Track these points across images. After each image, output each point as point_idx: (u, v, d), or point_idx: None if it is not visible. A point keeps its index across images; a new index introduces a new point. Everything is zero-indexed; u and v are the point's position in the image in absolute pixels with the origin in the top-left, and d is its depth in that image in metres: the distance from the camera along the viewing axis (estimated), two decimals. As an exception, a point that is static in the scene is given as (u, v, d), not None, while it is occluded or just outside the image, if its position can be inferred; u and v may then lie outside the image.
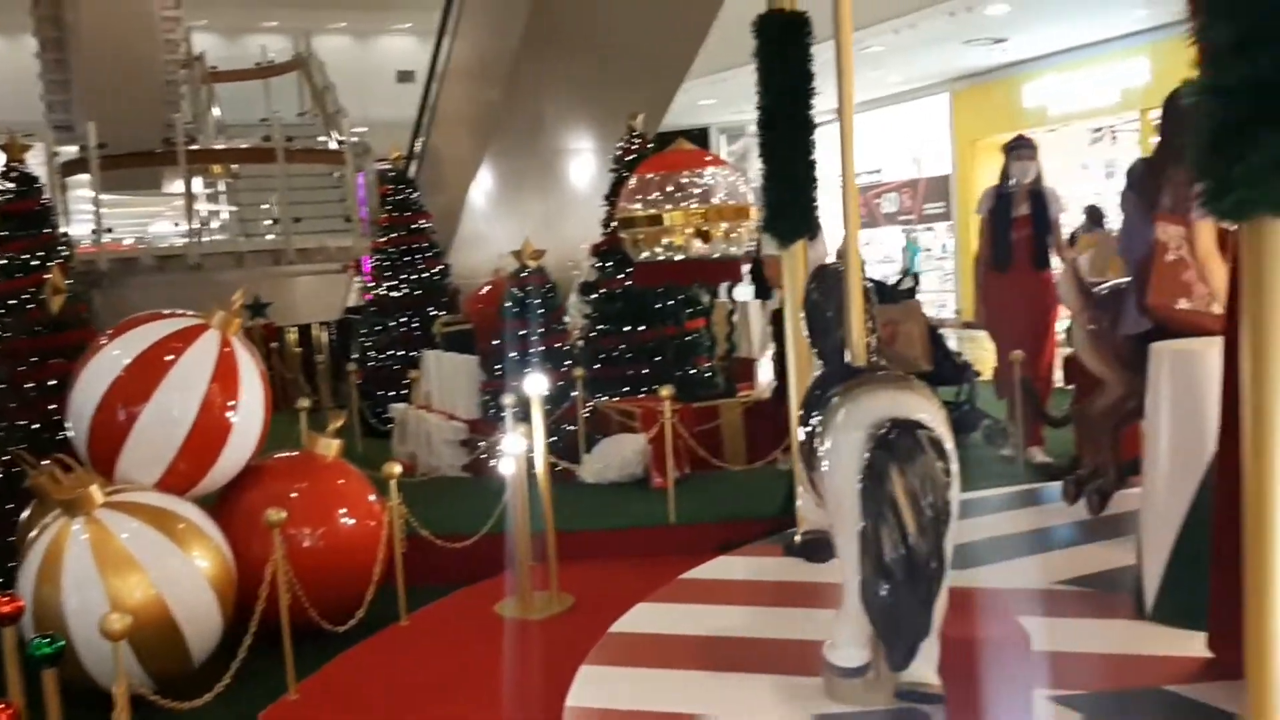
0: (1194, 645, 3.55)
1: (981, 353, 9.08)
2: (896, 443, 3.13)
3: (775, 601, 4.55)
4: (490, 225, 12.40)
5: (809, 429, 3.62)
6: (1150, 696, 3.39)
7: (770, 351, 7.87)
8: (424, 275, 10.10)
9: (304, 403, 6.97)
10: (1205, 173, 2.09)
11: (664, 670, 3.89)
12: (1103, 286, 5.37)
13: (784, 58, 5.22)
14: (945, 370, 7.75)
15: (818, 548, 4.69)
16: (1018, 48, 17.30)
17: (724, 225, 7.93)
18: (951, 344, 8.47)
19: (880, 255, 21.47)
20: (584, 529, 5.94)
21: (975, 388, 7.73)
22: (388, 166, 11.11)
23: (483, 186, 12.52)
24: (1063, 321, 7.32)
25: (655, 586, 4.78)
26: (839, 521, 3.35)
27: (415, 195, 10.45)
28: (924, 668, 3.25)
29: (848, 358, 4.02)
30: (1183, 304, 4.44)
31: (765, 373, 8.25)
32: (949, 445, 3.21)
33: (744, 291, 8.97)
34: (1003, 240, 6.99)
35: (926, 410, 3.31)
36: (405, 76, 22.30)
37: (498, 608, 5.02)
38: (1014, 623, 4.01)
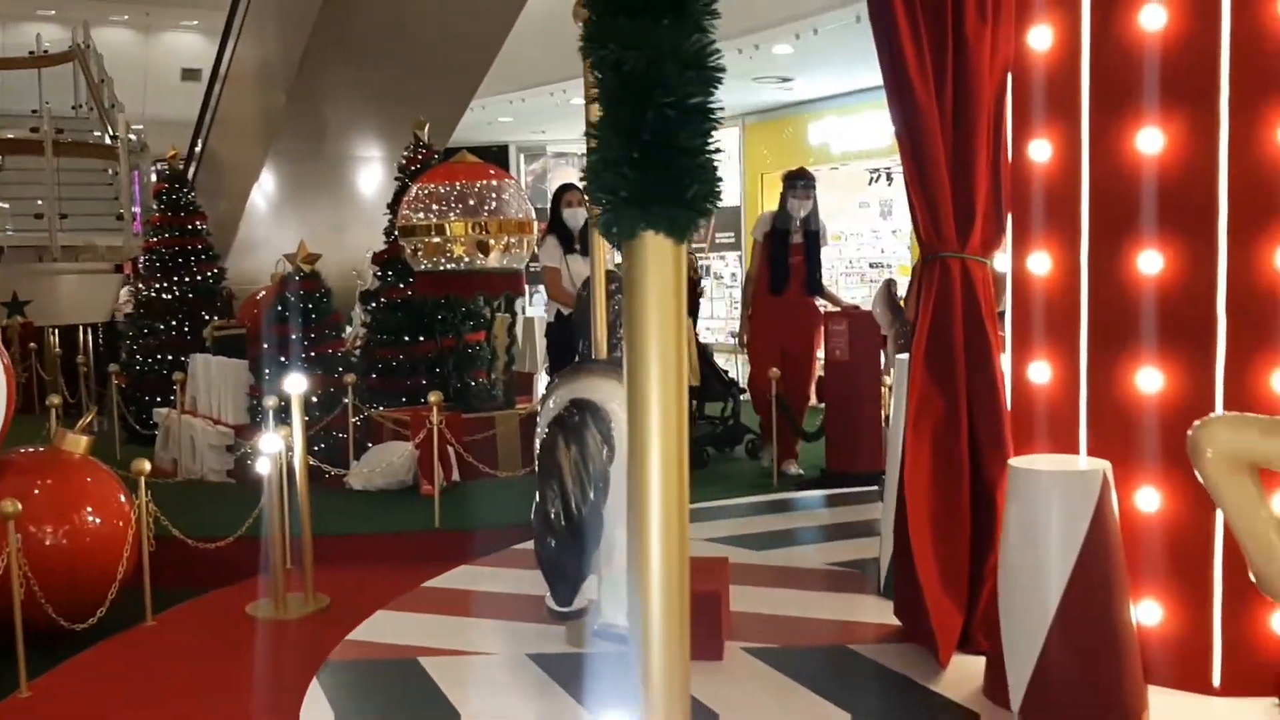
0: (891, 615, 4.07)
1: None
2: (567, 420, 3.64)
3: (510, 614, 4.44)
4: (272, 230, 12.10)
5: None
6: (832, 652, 3.95)
7: (547, 365, 8.04)
8: (197, 278, 9.80)
9: (54, 399, 6.67)
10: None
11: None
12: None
13: None
14: (713, 387, 8.12)
15: None
16: (803, 88, 18.17)
17: (506, 238, 8.08)
18: (724, 364, 8.86)
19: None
20: (348, 533, 5.93)
21: (739, 404, 8.11)
22: (164, 166, 10.75)
23: (265, 190, 12.22)
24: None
25: (409, 587, 4.83)
26: None
27: (192, 196, 10.14)
28: (617, 612, 3.82)
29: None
30: None
31: (543, 386, 8.40)
32: (618, 426, 3.60)
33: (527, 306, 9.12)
34: (780, 265, 7.34)
35: (610, 394, 3.68)
36: (190, 75, 21.48)
37: (250, 609, 4.95)
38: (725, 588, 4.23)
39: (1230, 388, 3.33)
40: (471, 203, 7.57)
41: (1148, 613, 3.45)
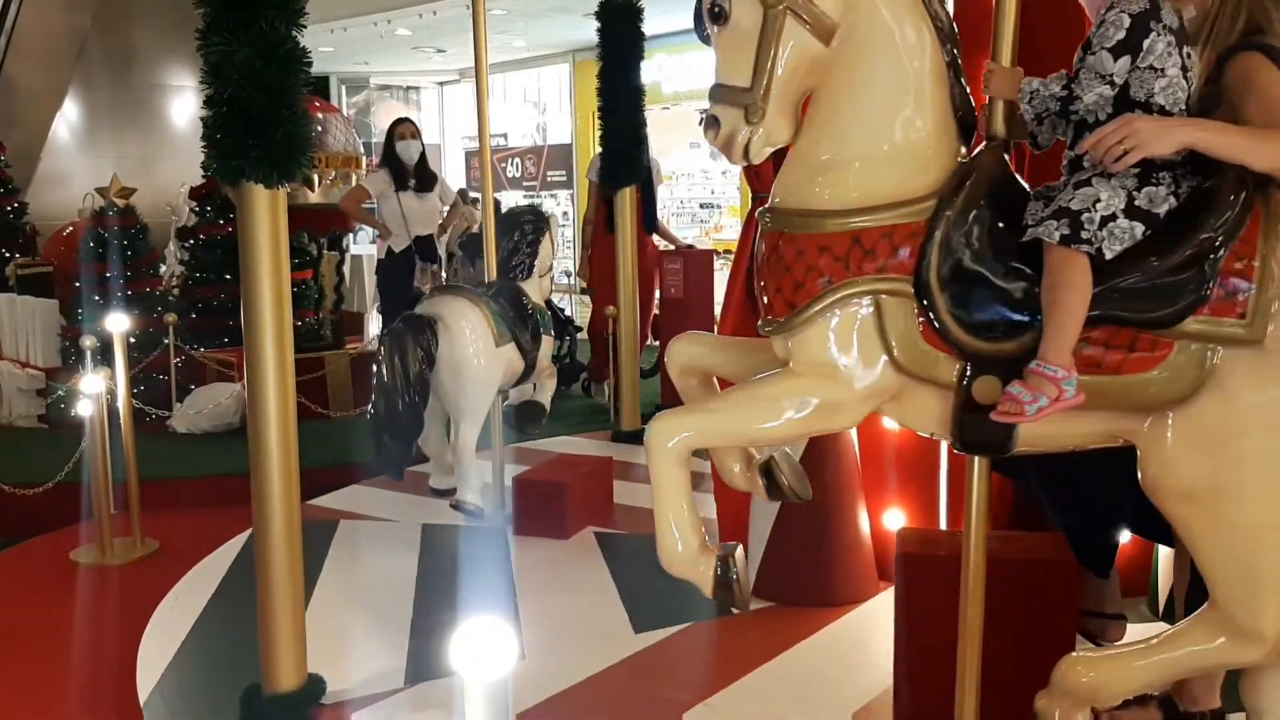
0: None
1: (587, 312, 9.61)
2: (395, 331, 4.51)
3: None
4: (77, 163, 11.42)
5: None
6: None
7: (378, 304, 7.91)
8: (-6, 213, 9.20)
9: None
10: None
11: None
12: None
13: None
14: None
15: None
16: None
17: (333, 173, 7.88)
18: (563, 304, 8.91)
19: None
20: (174, 477, 5.75)
21: (576, 343, 8.19)
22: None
23: (69, 120, 11.51)
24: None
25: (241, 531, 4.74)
26: None
27: (-14, 125, 9.47)
28: (471, 493, 4.57)
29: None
30: None
31: (375, 326, 8.28)
32: (452, 339, 4.51)
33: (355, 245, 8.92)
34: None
35: (452, 312, 4.59)
36: (-23, -6, 19.88)
37: (74, 554, 4.78)
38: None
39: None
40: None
41: (894, 519, 3.93)
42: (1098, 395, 2.19)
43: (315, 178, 7.64)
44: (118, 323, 4.92)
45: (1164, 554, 3.35)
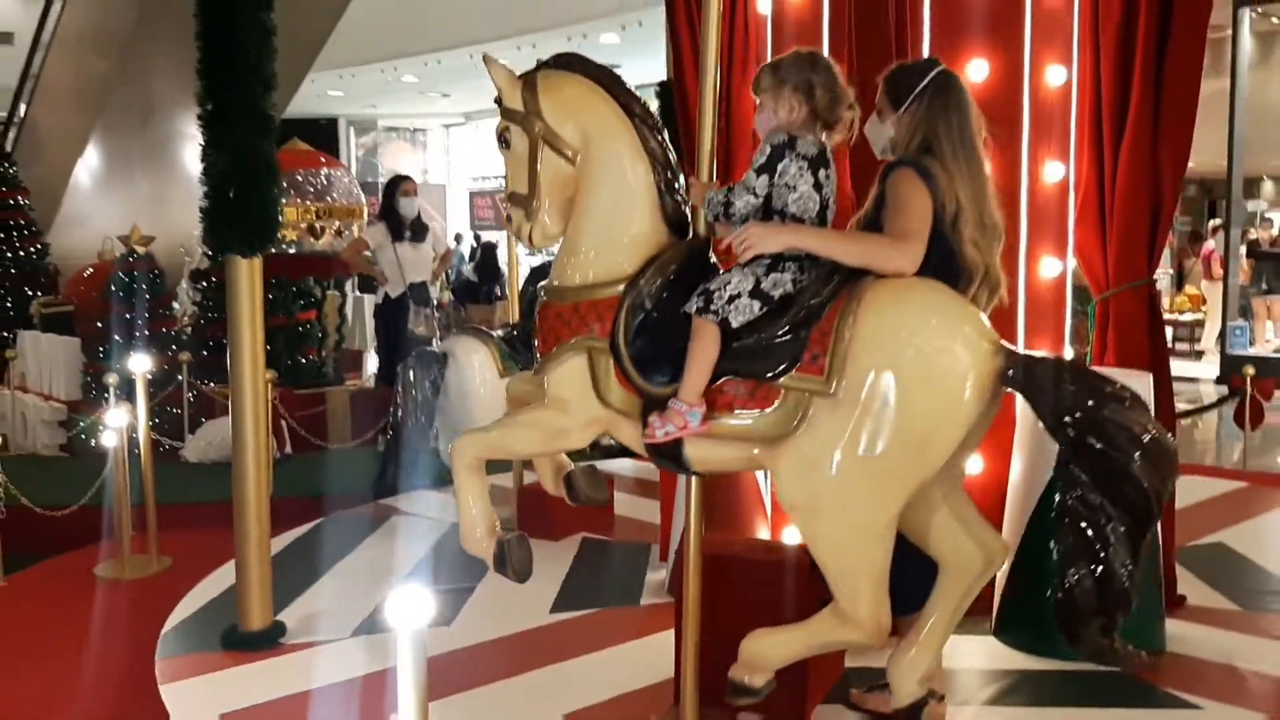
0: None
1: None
2: (409, 364, 5.45)
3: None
4: (97, 205, 12.05)
5: None
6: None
7: (375, 345, 8.53)
8: (19, 254, 9.81)
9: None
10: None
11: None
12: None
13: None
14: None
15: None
16: (631, 74, 18.84)
17: (336, 223, 8.52)
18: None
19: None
20: (186, 502, 6.33)
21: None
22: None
23: (89, 165, 12.16)
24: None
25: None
26: None
27: (13, 170, 10.10)
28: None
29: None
30: None
31: (373, 365, 8.89)
32: (458, 372, 5.33)
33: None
34: None
35: (462, 348, 5.41)
36: (3, 39, 20.65)
37: (97, 569, 5.36)
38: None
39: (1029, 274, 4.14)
40: (304, 188, 7.98)
41: (791, 535, 4.25)
42: (734, 429, 2.88)
43: (319, 227, 8.29)
44: (140, 364, 5.54)
45: (1001, 575, 3.89)
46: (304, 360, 8.47)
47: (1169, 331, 11.61)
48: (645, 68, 17.81)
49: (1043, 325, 4.18)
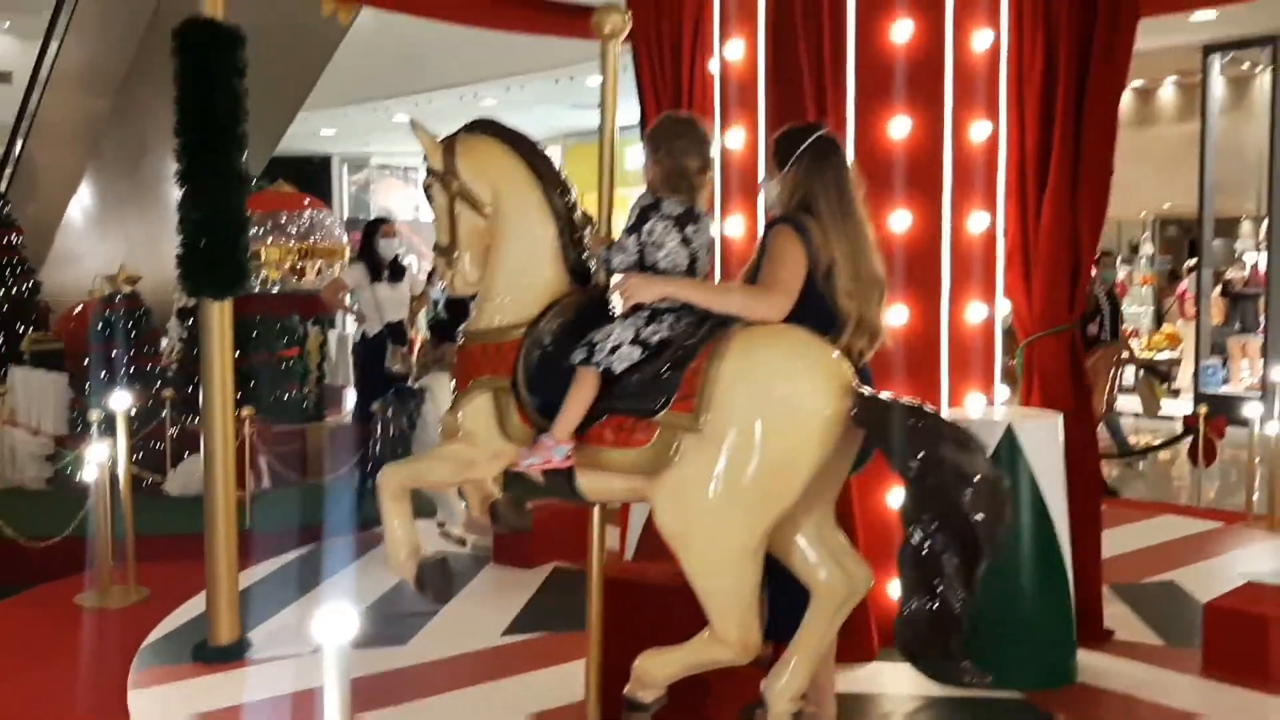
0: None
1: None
2: (389, 400, 6.23)
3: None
4: (90, 243, 12.21)
5: None
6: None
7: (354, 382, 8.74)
8: (12, 291, 10.02)
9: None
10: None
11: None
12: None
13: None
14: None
15: None
16: (621, 114, 19.15)
17: (319, 263, 8.78)
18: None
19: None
20: (166, 534, 6.52)
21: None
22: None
23: (83, 203, 12.35)
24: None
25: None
26: None
27: (7, 210, 10.32)
28: (456, 525, 6.22)
29: None
30: None
31: (351, 401, 9.10)
32: (435, 402, 6.07)
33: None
34: None
35: (438, 383, 6.17)
36: (2, 78, 20.97)
37: (77, 599, 5.57)
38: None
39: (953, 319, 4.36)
40: (289, 229, 8.25)
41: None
42: (617, 462, 3.12)
43: (302, 266, 8.55)
44: (120, 401, 5.77)
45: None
46: (286, 396, 8.68)
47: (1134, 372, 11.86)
48: (633, 107, 18.20)
49: (970, 368, 4.43)
